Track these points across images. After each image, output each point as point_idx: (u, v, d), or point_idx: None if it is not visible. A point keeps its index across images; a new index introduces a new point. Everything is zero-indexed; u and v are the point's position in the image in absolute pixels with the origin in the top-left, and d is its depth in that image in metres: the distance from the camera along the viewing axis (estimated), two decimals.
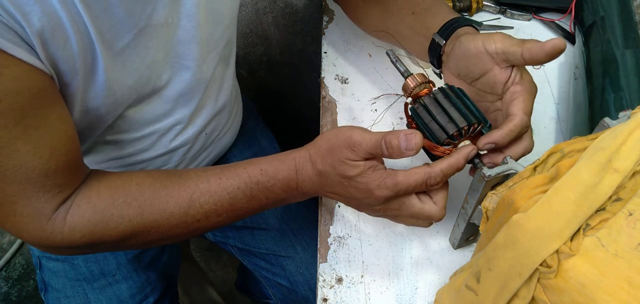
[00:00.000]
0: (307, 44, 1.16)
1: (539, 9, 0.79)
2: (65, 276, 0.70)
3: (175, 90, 0.58)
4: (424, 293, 0.52)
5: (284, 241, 0.79)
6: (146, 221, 0.49)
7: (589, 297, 0.31)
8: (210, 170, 0.51)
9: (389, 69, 0.72)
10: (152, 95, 0.57)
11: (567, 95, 0.69)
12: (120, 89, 0.51)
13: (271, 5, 1.08)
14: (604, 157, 0.34)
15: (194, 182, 0.50)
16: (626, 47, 0.61)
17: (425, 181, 0.45)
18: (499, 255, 0.37)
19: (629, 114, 0.40)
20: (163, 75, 0.56)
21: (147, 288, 0.73)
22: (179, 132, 0.64)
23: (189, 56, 0.56)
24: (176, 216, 0.49)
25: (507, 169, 0.44)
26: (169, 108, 0.60)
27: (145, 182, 0.50)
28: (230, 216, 0.52)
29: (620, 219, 0.32)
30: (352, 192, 0.47)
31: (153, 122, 0.60)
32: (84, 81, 0.47)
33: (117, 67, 0.49)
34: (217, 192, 0.50)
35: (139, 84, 0.53)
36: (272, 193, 0.50)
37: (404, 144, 0.44)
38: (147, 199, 0.49)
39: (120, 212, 0.48)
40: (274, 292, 0.82)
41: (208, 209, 0.50)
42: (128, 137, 0.60)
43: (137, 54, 0.50)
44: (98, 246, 0.50)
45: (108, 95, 0.50)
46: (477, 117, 0.46)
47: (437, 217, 0.47)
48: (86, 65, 0.46)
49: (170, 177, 0.51)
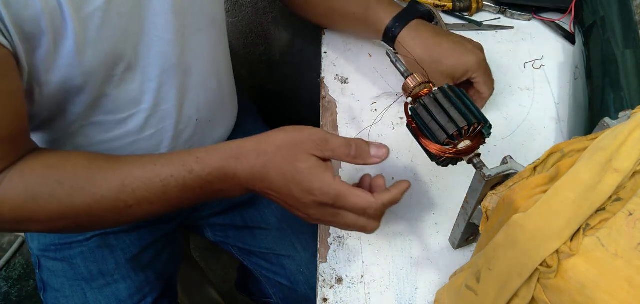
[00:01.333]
0: (307, 44, 1.16)
1: (539, 9, 0.79)
2: (64, 275, 0.70)
3: (156, 66, 0.57)
4: (424, 293, 0.52)
5: (284, 240, 0.79)
6: (76, 204, 0.47)
7: (589, 297, 0.31)
8: (148, 156, 0.50)
9: (389, 69, 0.72)
10: (133, 70, 0.56)
11: (567, 95, 0.69)
12: (95, 57, 0.50)
13: (271, 5, 1.08)
14: (604, 157, 0.34)
15: (129, 167, 0.48)
16: (626, 47, 0.61)
17: (364, 210, 0.46)
18: (499, 255, 0.37)
19: (629, 114, 0.40)
20: (140, 47, 0.55)
21: (145, 288, 0.73)
22: (167, 114, 0.63)
23: (167, 29, 0.55)
24: (107, 200, 0.48)
25: (507, 169, 0.43)
26: (153, 87, 0.59)
27: (81, 164, 0.48)
28: (165, 205, 0.50)
29: (620, 219, 0.32)
30: (291, 188, 0.47)
31: (138, 101, 0.59)
32: (54, 43, 0.46)
33: (89, 32, 0.48)
34: (151, 178, 0.48)
35: (115, 54, 0.52)
36: (207, 183, 0.49)
37: (374, 151, 0.46)
38: (80, 180, 0.47)
39: (51, 191, 0.47)
40: (274, 292, 0.82)
41: (140, 196, 0.48)
42: (114, 119, 0.59)
43: (109, 20, 0.49)
44: (26, 224, 0.49)
45: (81, 62, 0.49)
46: (477, 117, 0.46)
47: (371, 231, 0.49)
48: (55, 27, 0.45)
49: (107, 160, 0.49)
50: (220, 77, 0.70)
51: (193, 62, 0.62)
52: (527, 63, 0.74)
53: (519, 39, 0.77)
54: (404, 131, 0.66)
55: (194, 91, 0.65)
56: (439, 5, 0.80)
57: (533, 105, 0.68)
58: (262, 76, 1.27)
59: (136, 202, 0.49)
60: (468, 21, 0.79)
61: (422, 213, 0.58)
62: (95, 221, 0.49)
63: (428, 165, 0.60)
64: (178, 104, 0.63)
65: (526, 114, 0.68)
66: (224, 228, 0.84)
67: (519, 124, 0.66)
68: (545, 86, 0.71)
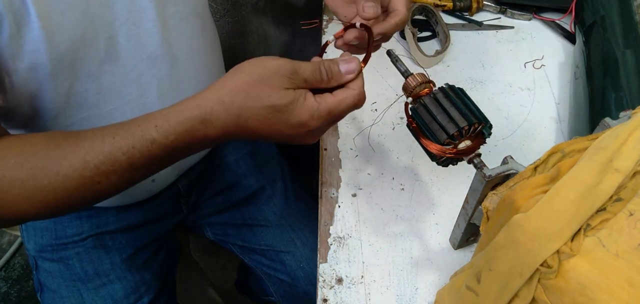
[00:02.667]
0: (307, 44, 1.16)
1: (540, 9, 0.79)
2: (60, 276, 0.70)
3: (135, 55, 0.57)
4: (424, 293, 0.52)
5: (283, 237, 0.79)
6: (40, 185, 0.45)
7: (590, 297, 0.31)
8: (106, 129, 0.47)
9: (389, 69, 0.72)
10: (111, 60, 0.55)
11: (567, 95, 0.69)
12: (63, 43, 0.49)
13: (271, 5, 1.08)
14: (604, 157, 0.34)
15: (89, 143, 0.46)
16: (626, 47, 0.61)
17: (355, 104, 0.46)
18: (499, 255, 0.37)
19: (629, 114, 0.40)
20: (117, 36, 0.54)
21: (141, 288, 0.73)
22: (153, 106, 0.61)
23: (143, 16, 0.55)
24: (71, 179, 0.46)
25: (507, 169, 0.43)
26: (133, 77, 0.58)
27: (40, 143, 0.46)
28: (134, 175, 0.48)
29: (620, 219, 0.32)
30: (281, 127, 0.44)
31: (121, 93, 0.58)
32: (16, 26, 0.45)
33: (54, 15, 0.47)
34: (112, 152, 0.46)
35: (85, 40, 0.51)
36: (173, 148, 0.46)
37: (345, 67, 0.44)
38: (41, 160, 0.45)
39: (12, 174, 0.45)
40: (275, 288, 0.82)
41: (106, 170, 0.46)
42: (97, 112, 0.58)
43: (76, 3, 0.48)
44: None
45: (50, 48, 0.48)
46: (478, 117, 0.46)
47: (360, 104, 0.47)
48: (14, 9, 0.44)
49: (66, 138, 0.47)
50: (210, 70, 0.70)
51: (179, 52, 0.61)
52: (527, 63, 0.73)
53: (520, 39, 0.77)
54: (404, 131, 0.66)
55: (183, 84, 0.64)
56: (439, 4, 0.80)
57: (533, 105, 0.68)
58: None
59: (104, 177, 0.46)
60: (468, 21, 0.79)
61: (422, 213, 0.58)
62: (66, 201, 0.47)
63: (428, 165, 0.60)
64: (162, 95, 0.62)
65: (526, 114, 0.68)
66: (223, 226, 0.84)
67: (520, 124, 0.66)
68: (545, 85, 0.71)
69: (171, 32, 0.59)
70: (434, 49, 0.74)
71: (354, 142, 0.65)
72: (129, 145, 0.46)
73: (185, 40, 0.62)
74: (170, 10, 0.58)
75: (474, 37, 0.77)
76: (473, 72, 0.72)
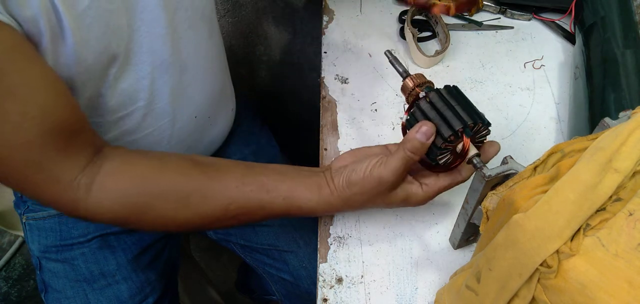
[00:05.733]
0: (307, 44, 1.16)
1: (539, 9, 0.79)
2: (65, 276, 0.70)
3: (148, 62, 0.57)
4: (424, 293, 0.52)
5: (286, 236, 0.79)
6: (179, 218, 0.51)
7: (589, 297, 0.31)
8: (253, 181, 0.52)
9: (389, 69, 0.72)
10: (125, 67, 0.56)
11: (567, 95, 0.69)
12: (90, 56, 0.50)
13: (271, 5, 1.08)
14: (604, 157, 0.34)
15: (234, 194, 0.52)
16: (626, 47, 0.61)
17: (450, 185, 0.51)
18: (499, 255, 0.37)
19: (629, 114, 0.40)
20: (131, 44, 0.55)
21: (146, 288, 0.73)
22: (163, 112, 0.63)
23: (156, 23, 0.55)
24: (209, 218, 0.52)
25: (507, 169, 0.43)
26: (146, 84, 0.59)
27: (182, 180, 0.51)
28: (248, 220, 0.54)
29: (620, 219, 0.32)
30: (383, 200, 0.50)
31: (133, 99, 0.59)
32: (53, 43, 0.46)
33: (83, 30, 0.48)
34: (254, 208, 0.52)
35: (108, 52, 0.52)
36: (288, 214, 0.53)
37: (423, 137, 0.46)
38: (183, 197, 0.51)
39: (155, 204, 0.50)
40: (277, 288, 0.82)
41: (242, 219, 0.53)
42: (110, 119, 0.59)
43: (100, 17, 0.49)
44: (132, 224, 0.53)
45: (79, 62, 0.49)
46: (476, 118, 0.46)
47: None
48: (52, 27, 0.45)
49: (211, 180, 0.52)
50: (216, 73, 0.70)
51: (188, 58, 0.62)
52: (527, 63, 0.74)
53: (519, 39, 0.77)
54: None
55: (191, 88, 0.64)
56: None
57: (533, 105, 0.69)
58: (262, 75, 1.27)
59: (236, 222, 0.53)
60: (468, 21, 0.79)
61: (422, 213, 0.58)
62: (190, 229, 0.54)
63: None
64: (173, 101, 0.63)
65: (526, 114, 0.68)
66: None
67: (519, 124, 0.66)
68: (545, 85, 0.71)
69: (180, 38, 0.59)
70: (433, 49, 0.74)
71: (354, 142, 0.65)
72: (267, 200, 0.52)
73: (193, 45, 0.62)
74: (179, 15, 0.58)
75: (473, 38, 0.77)
76: (473, 73, 0.72)
